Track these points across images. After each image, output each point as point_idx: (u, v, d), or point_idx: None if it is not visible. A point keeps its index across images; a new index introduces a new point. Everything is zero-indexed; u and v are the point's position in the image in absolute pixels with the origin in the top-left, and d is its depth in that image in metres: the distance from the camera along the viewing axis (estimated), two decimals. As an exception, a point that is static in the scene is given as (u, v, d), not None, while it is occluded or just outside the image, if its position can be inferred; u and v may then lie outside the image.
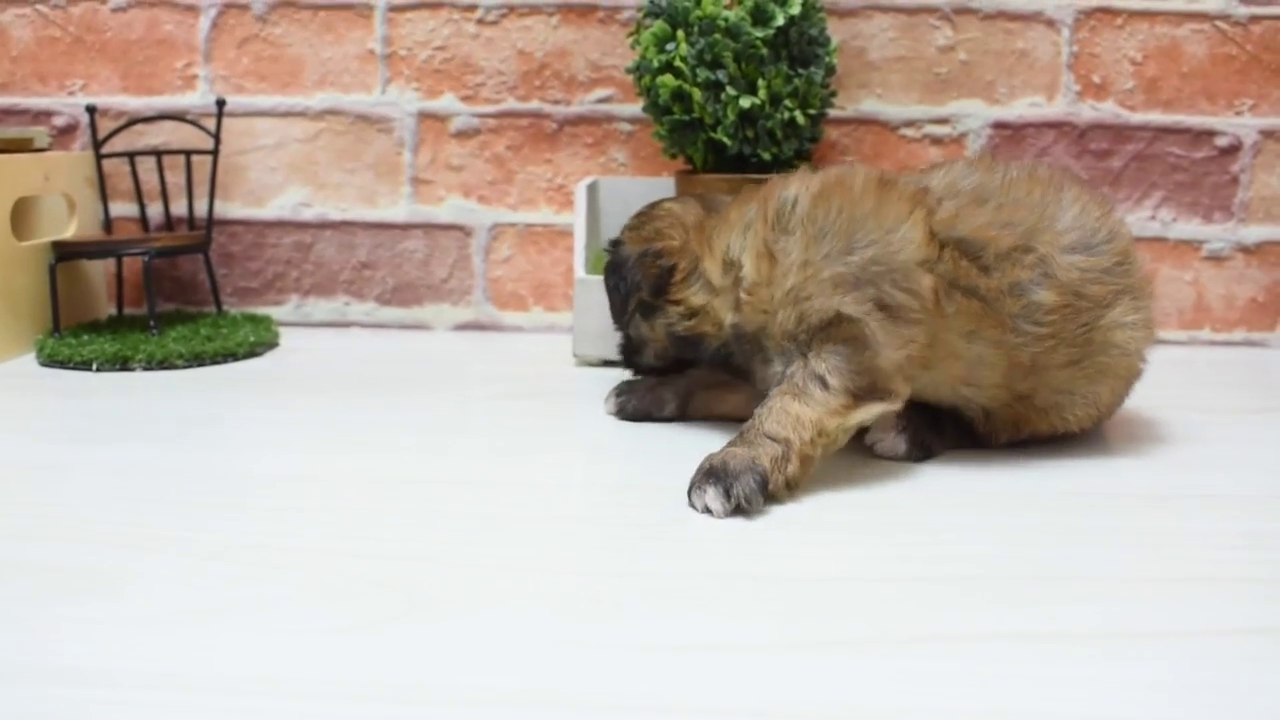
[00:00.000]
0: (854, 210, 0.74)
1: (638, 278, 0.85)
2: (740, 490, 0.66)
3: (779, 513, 0.68)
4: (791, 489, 0.70)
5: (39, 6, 1.24)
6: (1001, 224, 0.75)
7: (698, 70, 1.02)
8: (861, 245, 0.73)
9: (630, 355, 0.92)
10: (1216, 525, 0.67)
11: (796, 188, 0.78)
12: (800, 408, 0.70)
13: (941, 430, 0.79)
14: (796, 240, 0.75)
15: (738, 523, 0.66)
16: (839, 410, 0.70)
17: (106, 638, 0.50)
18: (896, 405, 0.73)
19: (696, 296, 0.82)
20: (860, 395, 0.71)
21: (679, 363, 0.88)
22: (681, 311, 0.83)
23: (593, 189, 1.16)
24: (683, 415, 0.89)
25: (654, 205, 0.91)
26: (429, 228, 1.25)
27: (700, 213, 0.86)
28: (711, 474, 0.68)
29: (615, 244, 0.90)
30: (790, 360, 0.73)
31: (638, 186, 1.18)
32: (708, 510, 0.67)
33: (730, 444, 0.71)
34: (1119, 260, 0.76)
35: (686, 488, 0.69)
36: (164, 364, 1.05)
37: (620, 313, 0.89)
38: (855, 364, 0.71)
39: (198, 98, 1.25)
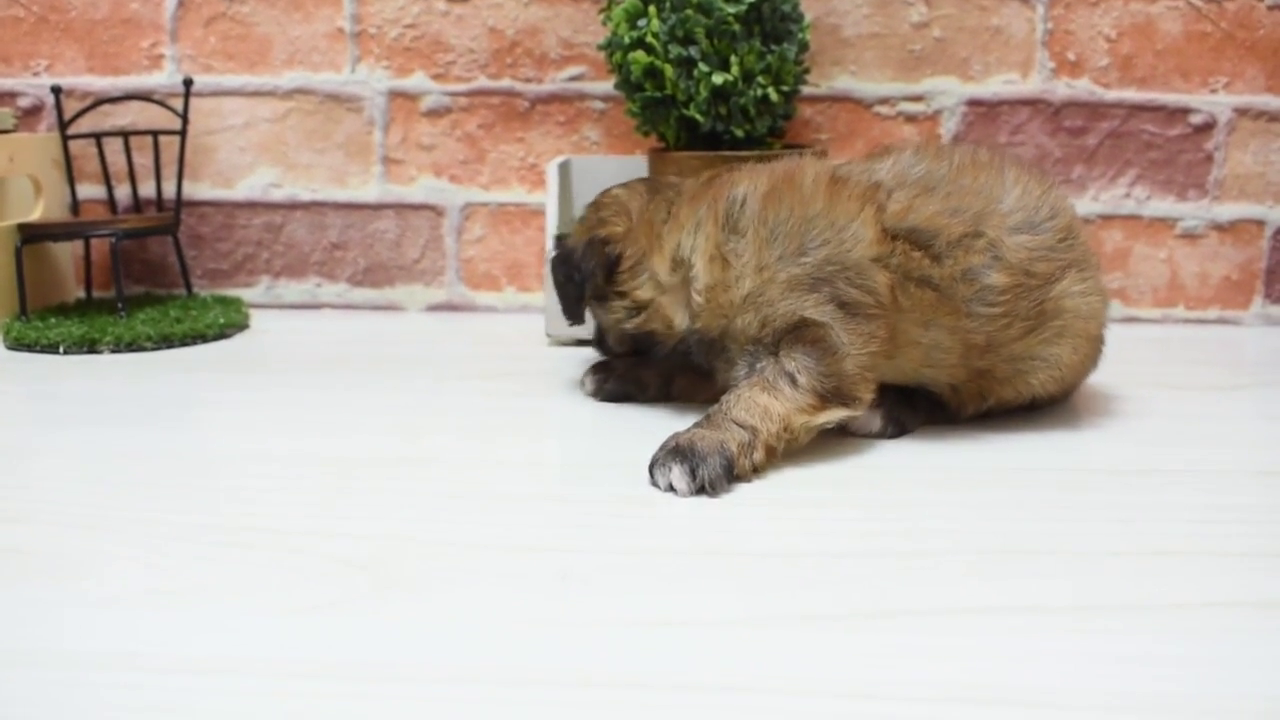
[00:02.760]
0: (805, 210, 0.75)
1: (590, 265, 0.83)
2: (706, 472, 0.66)
3: (748, 489, 0.68)
4: (757, 472, 0.70)
5: (1, -16, 1.22)
6: (951, 211, 0.75)
7: (670, 46, 1.01)
8: (814, 245, 0.74)
9: (601, 340, 0.91)
10: (1187, 499, 0.67)
11: (745, 186, 0.78)
12: (769, 400, 0.71)
13: (915, 406, 0.79)
14: (748, 242, 0.75)
15: (706, 499, 0.66)
16: (806, 409, 0.71)
17: (71, 619, 0.50)
18: (859, 411, 0.73)
19: (643, 290, 0.82)
20: (826, 397, 0.72)
21: (640, 351, 0.87)
22: (628, 305, 0.83)
23: (564, 168, 1.15)
24: (665, 397, 0.88)
25: (602, 194, 0.90)
26: (400, 208, 1.24)
27: (644, 199, 0.85)
28: (677, 452, 0.67)
29: (560, 239, 0.89)
30: (757, 359, 0.74)
31: (610, 165, 1.17)
32: (671, 489, 0.66)
33: (697, 425, 0.71)
34: (1062, 236, 0.77)
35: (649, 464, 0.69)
36: (132, 346, 1.04)
37: (574, 304, 0.86)
38: (824, 366, 0.72)
39: (165, 78, 1.23)
